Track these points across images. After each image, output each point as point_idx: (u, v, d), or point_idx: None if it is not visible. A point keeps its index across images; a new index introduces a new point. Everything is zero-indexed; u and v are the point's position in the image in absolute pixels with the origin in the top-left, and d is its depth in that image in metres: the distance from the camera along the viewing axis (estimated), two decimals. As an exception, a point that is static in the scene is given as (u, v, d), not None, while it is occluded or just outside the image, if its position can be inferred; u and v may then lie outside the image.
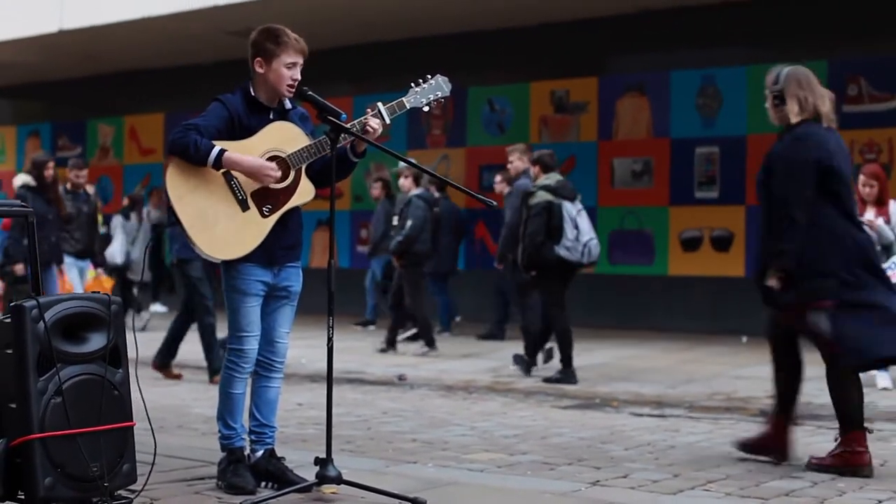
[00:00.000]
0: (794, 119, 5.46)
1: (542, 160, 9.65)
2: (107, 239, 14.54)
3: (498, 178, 12.52)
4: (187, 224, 4.64)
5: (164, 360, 9.37)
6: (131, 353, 4.25)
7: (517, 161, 10.65)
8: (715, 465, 5.63)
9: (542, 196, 9.24)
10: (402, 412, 7.53)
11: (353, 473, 4.64)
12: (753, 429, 6.19)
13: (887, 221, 8.79)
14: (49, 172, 10.35)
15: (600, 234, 15.13)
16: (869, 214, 8.84)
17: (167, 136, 17.24)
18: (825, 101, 5.50)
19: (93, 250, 11.38)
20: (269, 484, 4.72)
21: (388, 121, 4.81)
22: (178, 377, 9.40)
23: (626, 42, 14.76)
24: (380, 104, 4.81)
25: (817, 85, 5.54)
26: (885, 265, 8.68)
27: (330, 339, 4.69)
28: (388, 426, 6.89)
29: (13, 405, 3.93)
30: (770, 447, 5.68)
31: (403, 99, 4.87)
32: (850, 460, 5.34)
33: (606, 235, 14.91)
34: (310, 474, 4.57)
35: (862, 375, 8.95)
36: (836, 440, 5.45)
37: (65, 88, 20.16)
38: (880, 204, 8.89)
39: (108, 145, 20.17)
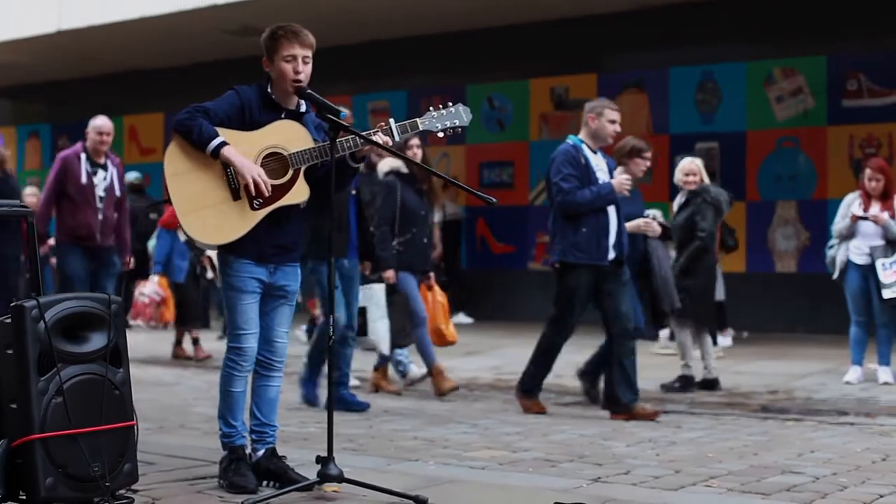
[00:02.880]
0: None
1: None
2: None
3: None
4: (177, 203, 4.63)
5: (530, 387, 7.55)
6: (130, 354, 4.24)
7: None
8: (717, 462, 5.63)
9: None
10: (404, 410, 7.53)
11: (354, 472, 4.63)
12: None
13: (893, 216, 8.76)
14: (412, 152, 7.69)
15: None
16: (874, 209, 8.82)
17: (167, 135, 17.23)
18: None
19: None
20: (271, 483, 4.71)
21: (397, 139, 4.73)
22: (543, 410, 7.45)
23: (626, 38, 14.74)
24: (391, 121, 4.72)
25: None
26: (889, 260, 8.69)
27: (330, 338, 4.69)
28: (389, 424, 6.88)
29: (14, 405, 3.92)
30: None
31: (417, 120, 4.79)
32: None
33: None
34: (311, 473, 4.56)
35: (863, 370, 9.02)
36: None
37: (64, 89, 20.14)
38: (885, 198, 8.87)
39: (107, 145, 20.16)
